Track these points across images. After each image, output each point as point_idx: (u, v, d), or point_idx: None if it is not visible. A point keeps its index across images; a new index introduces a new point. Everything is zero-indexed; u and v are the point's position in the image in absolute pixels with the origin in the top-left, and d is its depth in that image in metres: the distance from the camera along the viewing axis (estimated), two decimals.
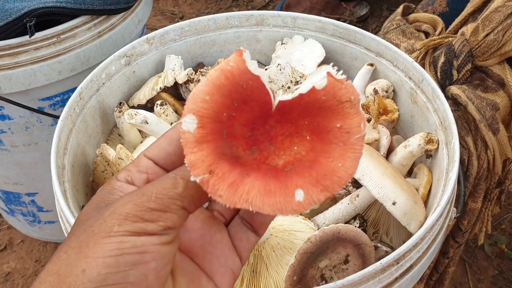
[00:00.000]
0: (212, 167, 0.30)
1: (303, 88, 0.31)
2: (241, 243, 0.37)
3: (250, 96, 0.31)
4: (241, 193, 0.29)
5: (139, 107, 0.84)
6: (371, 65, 0.85)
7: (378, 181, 0.62)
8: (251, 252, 0.39)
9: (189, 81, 0.86)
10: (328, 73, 0.31)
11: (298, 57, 0.89)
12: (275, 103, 0.32)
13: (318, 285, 0.59)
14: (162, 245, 0.30)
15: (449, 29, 0.96)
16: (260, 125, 0.32)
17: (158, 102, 0.82)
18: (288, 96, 0.32)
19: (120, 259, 0.28)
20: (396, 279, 0.57)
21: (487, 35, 0.87)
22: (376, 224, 0.72)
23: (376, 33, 0.89)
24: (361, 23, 2.00)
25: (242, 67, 0.31)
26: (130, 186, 0.34)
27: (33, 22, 0.88)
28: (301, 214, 0.70)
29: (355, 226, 0.64)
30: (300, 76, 0.77)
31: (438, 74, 0.89)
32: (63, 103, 1.00)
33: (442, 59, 0.89)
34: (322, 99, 0.31)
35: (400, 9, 1.03)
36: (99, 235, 0.29)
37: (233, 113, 0.31)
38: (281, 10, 1.94)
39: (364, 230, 0.66)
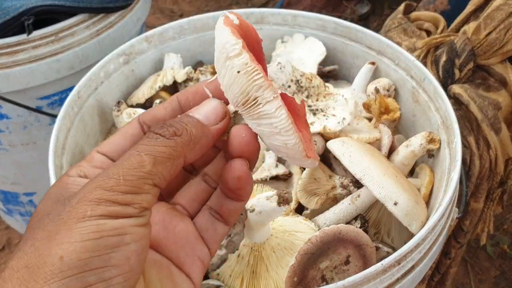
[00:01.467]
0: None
1: None
2: (208, 234, 0.37)
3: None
4: None
5: (138, 106, 0.84)
6: (373, 63, 0.84)
7: (380, 181, 0.61)
8: (220, 243, 0.38)
9: (188, 79, 0.85)
10: None
11: (299, 56, 0.88)
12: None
13: (319, 286, 0.58)
14: (140, 227, 0.29)
15: (450, 27, 0.95)
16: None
17: (157, 101, 0.82)
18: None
19: (100, 242, 0.27)
20: (398, 280, 0.56)
21: (489, 33, 0.86)
22: (377, 224, 0.71)
23: (377, 31, 0.89)
24: (362, 21, 1.99)
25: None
26: (84, 179, 0.32)
27: (31, 21, 0.88)
28: (301, 215, 0.70)
29: (356, 227, 0.63)
30: (300, 75, 0.76)
31: (440, 73, 0.89)
32: (61, 102, 0.99)
33: (444, 58, 0.88)
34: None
35: (401, 8, 1.03)
36: (71, 221, 0.28)
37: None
38: (281, 8, 1.93)
39: (365, 231, 0.65)
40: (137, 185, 0.29)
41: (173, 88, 0.88)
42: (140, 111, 0.74)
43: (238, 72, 0.32)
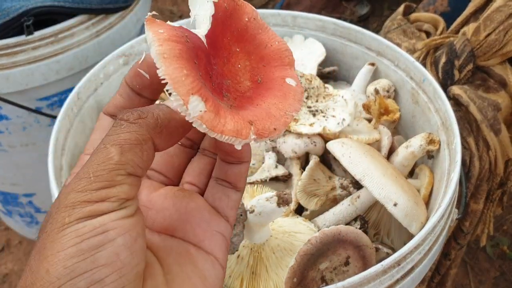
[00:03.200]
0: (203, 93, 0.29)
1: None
2: (222, 203, 0.36)
3: (194, 45, 0.32)
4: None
5: None
6: (372, 64, 0.84)
7: (379, 182, 0.61)
8: (236, 210, 0.37)
9: None
10: None
11: (299, 57, 0.88)
12: (204, 41, 0.33)
13: (319, 287, 0.58)
14: (124, 219, 0.28)
15: (450, 28, 0.95)
16: (211, 69, 0.33)
17: (157, 101, 0.82)
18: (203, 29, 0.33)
19: (83, 245, 0.27)
20: (397, 281, 0.56)
21: (488, 35, 0.86)
22: (377, 225, 0.71)
23: (377, 32, 0.89)
24: (362, 22, 1.99)
25: (170, 28, 0.31)
26: None
27: (30, 21, 0.88)
28: (301, 216, 0.70)
29: (356, 228, 0.63)
30: (300, 76, 0.76)
31: (440, 74, 0.89)
32: (60, 103, 0.99)
33: (443, 59, 0.88)
34: (225, 6, 0.34)
35: (401, 9, 1.03)
36: (52, 232, 0.27)
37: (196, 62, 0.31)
38: (281, 9, 1.93)
39: (365, 232, 0.65)
40: (109, 179, 0.28)
41: None
42: None
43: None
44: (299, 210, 0.71)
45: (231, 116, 0.30)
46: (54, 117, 0.74)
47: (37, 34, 0.89)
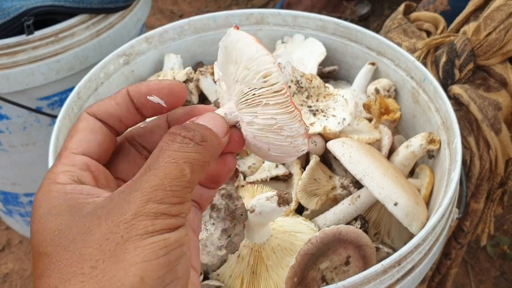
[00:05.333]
0: None
1: None
2: (194, 224, 0.37)
3: None
4: None
5: None
6: (373, 64, 0.84)
7: (380, 181, 0.61)
8: (200, 225, 0.38)
9: (188, 80, 0.85)
10: None
11: (299, 56, 0.88)
12: None
13: (319, 286, 0.58)
14: (188, 235, 0.30)
15: (450, 27, 0.95)
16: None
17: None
18: None
19: (169, 256, 0.28)
20: (398, 281, 0.56)
21: (489, 34, 0.86)
22: (377, 225, 0.71)
23: (377, 32, 0.89)
24: (362, 21, 1.99)
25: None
26: (85, 186, 0.31)
27: (31, 21, 0.88)
28: (301, 215, 0.70)
29: (356, 227, 0.63)
30: (300, 76, 0.76)
31: (440, 73, 0.89)
32: (61, 102, 0.99)
33: (444, 58, 0.88)
34: None
35: (401, 8, 1.03)
36: (134, 238, 0.27)
37: None
38: (281, 8, 1.93)
39: (366, 231, 0.65)
40: (182, 195, 0.29)
41: None
42: None
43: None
44: (300, 209, 0.71)
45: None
46: (55, 117, 0.74)
47: (38, 33, 0.89)
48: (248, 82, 0.33)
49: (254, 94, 0.33)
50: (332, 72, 0.90)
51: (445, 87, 0.88)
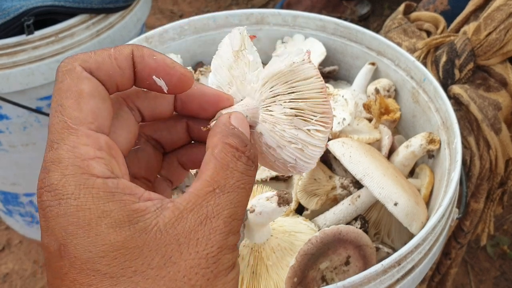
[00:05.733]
0: None
1: None
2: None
3: None
4: None
5: None
6: (373, 64, 0.84)
7: (380, 181, 0.61)
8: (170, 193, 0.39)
9: None
10: None
11: None
12: None
13: (319, 286, 0.58)
14: None
15: (450, 27, 0.95)
16: None
17: None
18: None
19: (236, 268, 0.29)
20: (398, 281, 0.56)
21: (489, 34, 0.86)
22: (377, 225, 0.71)
23: (377, 32, 0.89)
24: (362, 21, 1.99)
25: None
26: (122, 182, 0.27)
27: (31, 21, 0.88)
28: (301, 215, 0.69)
29: (356, 227, 0.63)
30: None
31: (440, 73, 0.89)
32: None
33: (444, 58, 0.88)
34: None
35: (401, 8, 1.03)
36: (222, 273, 0.28)
37: None
38: (281, 8, 1.93)
39: (366, 231, 0.65)
40: (241, 218, 0.30)
41: None
42: None
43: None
44: (300, 209, 0.71)
45: None
46: None
47: (38, 33, 0.89)
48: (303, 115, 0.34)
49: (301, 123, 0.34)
50: (332, 72, 0.90)
51: (445, 87, 0.88)
